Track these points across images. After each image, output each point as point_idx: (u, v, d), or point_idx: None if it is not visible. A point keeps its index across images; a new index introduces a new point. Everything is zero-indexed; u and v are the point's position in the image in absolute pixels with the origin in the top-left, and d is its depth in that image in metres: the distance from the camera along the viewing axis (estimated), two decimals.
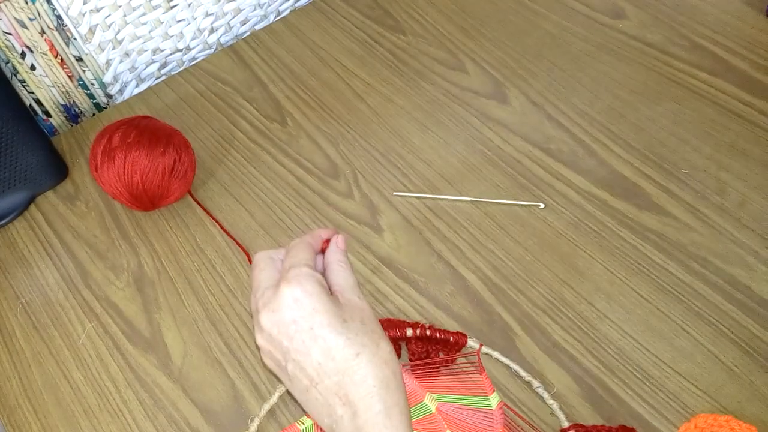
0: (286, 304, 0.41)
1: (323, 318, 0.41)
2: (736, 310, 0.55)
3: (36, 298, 0.61)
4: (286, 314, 0.41)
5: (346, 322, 0.41)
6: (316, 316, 0.41)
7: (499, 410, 0.51)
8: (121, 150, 0.59)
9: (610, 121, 0.68)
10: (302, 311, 0.41)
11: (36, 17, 0.67)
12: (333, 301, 0.42)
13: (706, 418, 0.49)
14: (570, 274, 0.59)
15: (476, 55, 0.75)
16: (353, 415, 0.40)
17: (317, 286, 0.42)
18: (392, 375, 0.41)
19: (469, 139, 0.68)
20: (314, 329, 0.41)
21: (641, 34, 0.74)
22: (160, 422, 0.54)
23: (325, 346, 0.40)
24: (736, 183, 0.62)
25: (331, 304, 0.41)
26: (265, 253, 0.46)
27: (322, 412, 0.41)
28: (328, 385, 0.40)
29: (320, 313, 0.41)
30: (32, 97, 0.73)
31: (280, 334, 0.41)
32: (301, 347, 0.41)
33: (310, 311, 0.41)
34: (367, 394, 0.40)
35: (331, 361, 0.40)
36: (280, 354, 0.42)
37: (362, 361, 0.40)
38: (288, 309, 0.41)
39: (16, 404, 0.56)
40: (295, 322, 0.41)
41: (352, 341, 0.40)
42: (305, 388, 0.41)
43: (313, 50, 0.78)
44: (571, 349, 0.55)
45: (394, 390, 0.41)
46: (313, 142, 0.70)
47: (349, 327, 0.41)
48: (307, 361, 0.41)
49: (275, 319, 0.42)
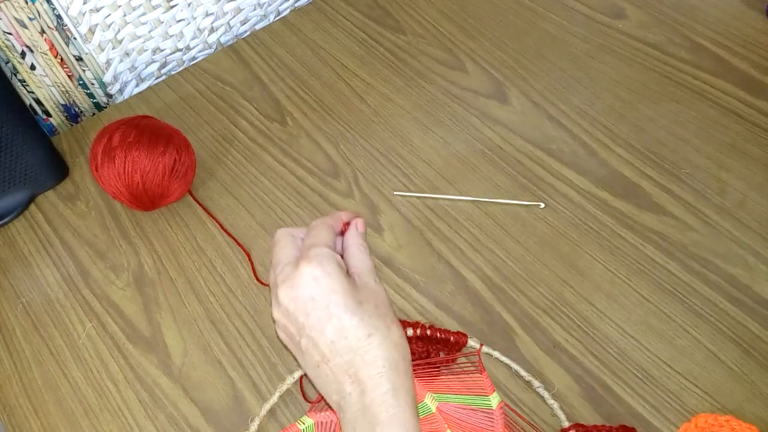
0: (305, 282, 0.42)
1: (339, 298, 0.42)
2: (737, 310, 0.55)
3: (36, 297, 0.61)
4: (304, 291, 0.42)
5: (361, 304, 0.42)
6: (333, 295, 0.42)
7: (500, 410, 0.51)
8: (122, 150, 0.59)
9: (611, 121, 0.68)
10: (320, 290, 0.42)
11: (36, 17, 0.67)
12: (350, 283, 0.43)
13: (706, 417, 0.49)
14: (570, 273, 0.59)
15: (476, 55, 0.75)
16: (361, 393, 0.41)
17: (336, 267, 0.43)
18: (401, 358, 0.42)
19: (469, 138, 0.68)
20: (330, 308, 0.42)
21: (641, 34, 0.75)
22: (160, 422, 0.54)
23: (339, 325, 0.42)
24: (736, 183, 0.62)
25: (348, 285, 0.43)
26: (286, 230, 0.48)
27: (331, 388, 0.42)
28: (339, 362, 0.42)
29: (337, 293, 0.42)
30: (32, 96, 0.73)
31: (297, 310, 0.43)
32: (316, 324, 0.42)
33: (327, 290, 0.42)
34: (376, 374, 0.41)
35: (343, 340, 0.41)
36: (295, 329, 0.43)
37: (374, 342, 0.41)
38: (306, 286, 0.42)
39: (17, 404, 0.56)
40: (313, 300, 0.42)
41: (365, 323, 0.42)
42: (316, 364, 0.43)
43: (313, 50, 0.78)
44: (572, 348, 0.55)
45: (402, 372, 0.42)
46: (313, 142, 0.70)
47: (363, 309, 0.42)
48: (321, 339, 0.42)
49: (293, 295, 0.43)
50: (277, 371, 0.55)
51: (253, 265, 0.61)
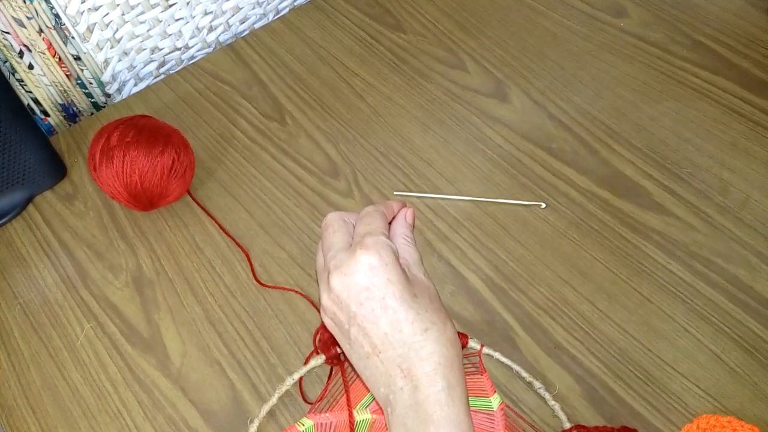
0: (361, 270, 0.41)
1: (396, 289, 0.41)
2: (739, 310, 0.55)
3: (34, 298, 0.61)
4: (359, 280, 0.41)
5: (417, 297, 0.41)
6: (390, 286, 0.41)
7: (501, 411, 0.51)
8: (120, 149, 0.59)
9: (612, 120, 0.67)
10: (376, 279, 0.41)
11: (34, 16, 0.66)
12: (405, 275, 0.42)
13: (708, 419, 0.49)
14: (571, 274, 0.58)
15: (477, 54, 0.75)
16: (414, 389, 0.40)
17: (393, 257, 0.42)
18: (456, 356, 0.41)
19: (469, 138, 0.68)
20: (386, 299, 0.41)
21: (643, 33, 0.74)
22: (158, 423, 0.54)
23: (394, 317, 0.40)
24: (738, 182, 0.62)
25: (404, 277, 0.41)
26: (337, 214, 0.46)
27: (380, 381, 0.41)
28: (392, 355, 0.40)
29: (394, 284, 0.41)
30: (30, 96, 0.72)
31: (350, 298, 0.41)
32: (370, 315, 0.41)
33: (384, 281, 0.41)
34: (431, 371, 0.40)
35: (398, 333, 0.40)
36: (345, 317, 0.42)
37: (430, 337, 0.40)
38: (362, 275, 0.41)
39: (15, 405, 0.55)
40: (368, 290, 0.41)
41: (421, 317, 0.41)
42: (366, 355, 0.42)
43: (312, 49, 0.77)
44: (573, 349, 0.54)
45: (457, 370, 0.41)
46: (312, 142, 0.69)
47: (419, 302, 0.41)
48: (374, 330, 0.41)
49: (348, 283, 0.42)
50: (277, 372, 0.55)
51: (252, 266, 0.61)
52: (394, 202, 0.48)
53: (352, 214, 0.47)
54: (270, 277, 0.61)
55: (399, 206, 0.48)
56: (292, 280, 0.60)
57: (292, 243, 0.62)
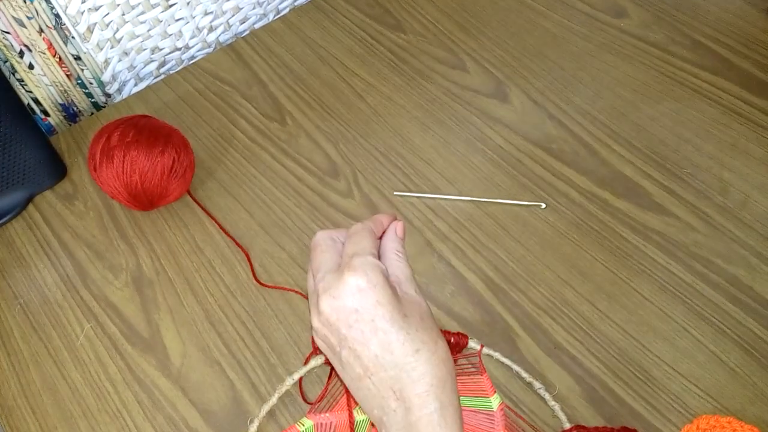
0: (349, 293, 0.41)
1: (385, 311, 0.40)
2: (739, 311, 0.55)
3: (34, 298, 0.61)
4: (347, 302, 0.41)
5: (407, 317, 0.41)
6: (379, 308, 0.40)
7: (501, 412, 0.51)
8: (120, 149, 0.59)
9: (612, 120, 0.68)
10: (365, 302, 0.40)
11: (34, 16, 0.66)
12: (395, 294, 0.41)
13: (708, 419, 0.49)
14: (571, 274, 0.58)
15: (477, 54, 0.75)
16: (407, 411, 0.40)
17: (381, 278, 0.41)
18: (448, 375, 0.41)
19: (469, 138, 0.68)
20: (375, 321, 0.40)
21: (642, 33, 0.74)
22: (158, 423, 0.54)
23: (384, 339, 0.40)
24: (738, 182, 0.62)
25: (393, 298, 0.41)
26: (326, 233, 0.45)
27: (373, 403, 0.41)
28: (383, 377, 0.40)
29: (383, 305, 0.40)
30: (30, 96, 0.72)
31: (339, 321, 0.41)
32: (360, 337, 0.40)
33: (373, 303, 0.40)
34: (423, 392, 0.40)
35: (389, 355, 0.40)
36: (336, 340, 0.42)
37: (421, 358, 0.40)
38: (350, 298, 0.41)
39: (15, 405, 0.55)
40: (357, 312, 0.41)
41: (412, 337, 0.40)
42: (358, 377, 0.41)
43: (312, 49, 0.77)
44: (573, 349, 0.54)
45: (450, 390, 0.41)
46: (312, 142, 0.69)
47: (409, 323, 0.41)
48: (364, 352, 0.40)
49: (336, 306, 0.41)
50: (277, 372, 0.55)
51: (252, 266, 0.61)
52: (384, 215, 0.48)
53: (341, 231, 0.46)
54: (270, 277, 0.61)
55: (389, 220, 0.47)
56: (292, 280, 0.60)
57: (292, 243, 0.62)
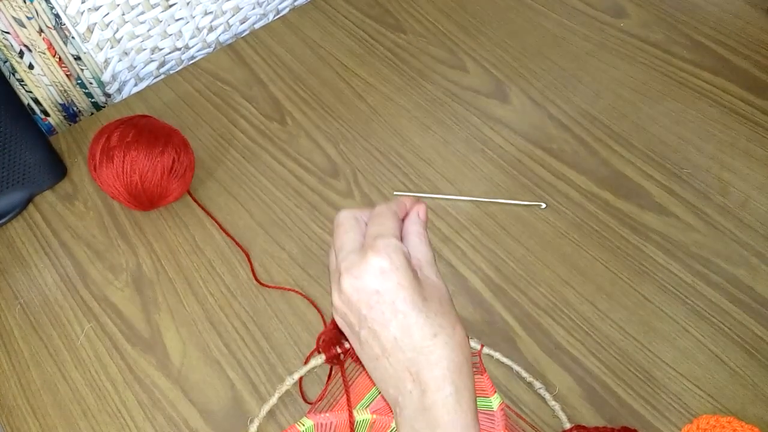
0: (372, 274, 0.41)
1: (407, 294, 0.40)
2: (739, 311, 0.55)
3: (34, 298, 0.61)
4: (369, 283, 0.41)
5: (427, 301, 0.41)
6: (401, 291, 0.40)
7: (501, 411, 0.51)
8: (120, 149, 0.59)
9: (612, 120, 0.67)
10: (387, 284, 0.41)
11: (34, 16, 0.66)
12: (416, 278, 0.42)
13: (708, 419, 0.49)
14: (572, 274, 0.58)
15: (477, 54, 0.75)
16: (422, 393, 0.40)
17: (404, 261, 0.41)
18: (465, 360, 0.41)
19: (469, 138, 0.68)
20: (396, 303, 0.40)
21: (643, 33, 0.74)
22: (158, 423, 0.54)
23: (404, 322, 0.40)
24: (738, 182, 0.62)
25: (414, 281, 0.41)
26: (350, 212, 0.45)
27: (389, 382, 0.41)
28: (401, 359, 0.40)
29: (404, 288, 0.40)
30: (30, 96, 0.72)
31: (360, 301, 0.41)
32: (380, 318, 0.41)
33: (394, 285, 0.40)
34: (440, 375, 0.40)
35: (408, 338, 0.40)
36: (356, 319, 0.42)
37: (439, 342, 0.40)
38: (373, 278, 0.41)
39: (15, 405, 0.55)
40: (378, 293, 0.41)
41: (431, 321, 0.41)
42: (375, 356, 0.42)
43: (312, 49, 0.77)
44: (573, 349, 0.54)
45: (466, 375, 0.41)
46: (312, 142, 0.69)
47: (429, 306, 0.41)
48: (384, 333, 0.41)
49: (358, 286, 0.41)
50: (277, 372, 0.55)
51: (252, 266, 0.61)
52: (407, 198, 0.48)
53: (365, 211, 0.46)
54: (270, 277, 0.61)
55: (411, 202, 0.47)
56: (292, 280, 0.60)
57: (292, 243, 0.62)
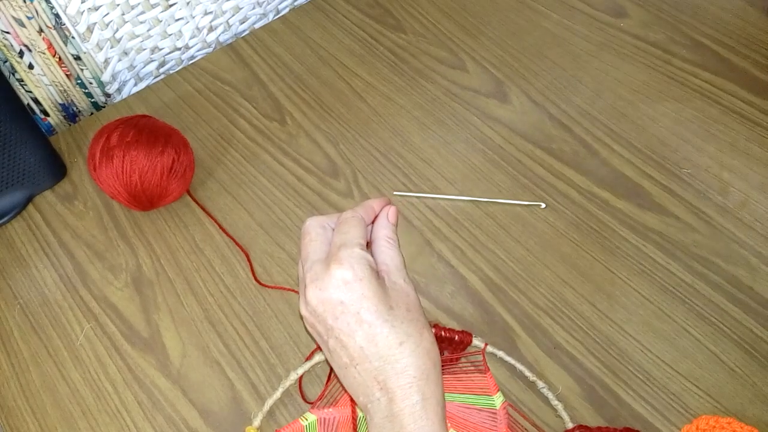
0: (335, 285, 0.41)
1: (371, 304, 0.41)
2: (738, 311, 0.55)
3: (34, 298, 0.61)
4: (333, 294, 0.41)
5: (392, 309, 0.41)
6: (364, 301, 0.41)
7: (503, 410, 0.51)
8: (120, 149, 0.59)
9: (612, 120, 0.67)
10: (351, 294, 0.41)
11: (34, 16, 0.66)
12: (381, 286, 0.42)
13: (708, 419, 0.49)
14: (571, 274, 0.58)
15: (477, 54, 0.75)
16: (390, 401, 0.40)
17: (368, 270, 0.41)
18: (432, 367, 0.41)
19: (469, 138, 0.68)
20: (360, 314, 0.41)
21: (643, 33, 0.74)
22: (158, 423, 0.54)
23: (369, 332, 0.40)
24: (738, 183, 0.62)
25: (379, 290, 0.41)
26: (316, 220, 0.45)
27: (359, 390, 0.42)
28: (368, 368, 0.41)
29: (368, 298, 0.41)
30: (30, 96, 0.72)
31: (326, 312, 0.41)
32: (345, 328, 0.41)
33: (358, 296, 0.41)
34: (406, 384, 0.40)
35: (373, 347, 0.40)
36: (323, 329, 0.42)
37: (405, 350, 0.40)
38: (336, 290, 0.41)
39: (14, 405, 0.55)
40: (342, 304, 0.41)
41: (396, 330, 0.41)
42: (344, 365, 0.42)
43: (312, 49, 0.77)
44: (572, 349, 0.54)
45: (433, 382, 0.41)
46: (312, 142, 0.69)
47: (395, 315, 0.41)
48: (350, 342, 0.41)
49: (322, 297, 0.41)
50: (276, 372, 0.55)
51: (252, 266, 0.61)
52: (376, 200, 0.47)
53: (332, 218, 0.46)
54: (270, 277, 0.60)
55: (381, 204, 0.47)
56: (292, 280, 0.60)
57: (292, 243, 0.62)
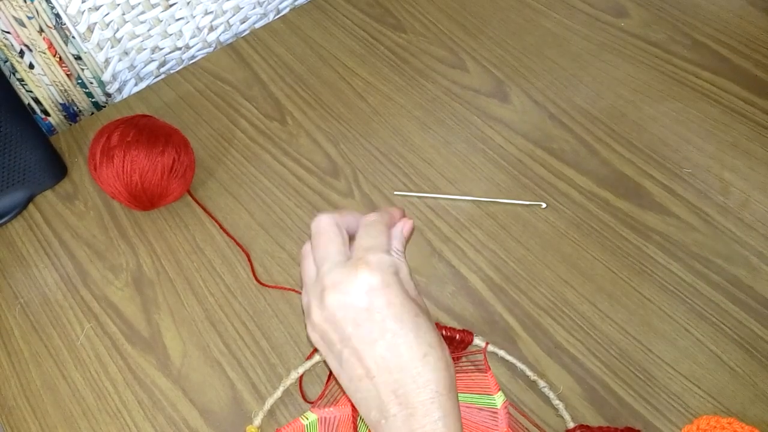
0: (361, 290, 0.39)
1: (397, 311, 0.39)
2: (739, 311, 0.55)
3: (35, 298, 0.61)
4: (358, 300, 0.39)
5: (418, 317, 0.39)
6: (391, 308, 0.39)
7: (504, 409, 0.50)
8: (120, 149, 0.59)
9: (612, 120, 0.67)
10: (377, 301, 0.39)
11: (34, 15, 0.66)
12: (407, 295, 0.40)
13: (708, 420, 0.49)
14: (572, 274, 0.58)
15: (477, 54, 0.75)
16: (408, 417, 0.38)
17: (395, 277, 0.39)
18: (451, 381, 0.40)
19: (470, 138, 0.68)
20: (386, 322, 0.38)
21: (643, 33, 0.74)
22: (159, 423, 0.54)
23: (393, 341, 0.38)
24: (739, 182, 0.62)
25: (407, 297, 0.39)
26: (330, 219, 0.42)
27: (372, 404, 0.39)
28: (387, 380, 0.38)
29: (395, 306, 0.39)
30: (31, 95, 0.72)
31: (346, 319, 0.39)
32: (367, 336, 0.39)
33: (385, 303, 0.39)
34: (428, 399, 0.38)
35: (396, 358, 0.38)
36: (338, 337, 0.40)
37: (429, 363, 0.38)
38: (362, 296, 0.39)
39: (15, 405, 0.55)
40: (368, 311, 0.39)
41: (420, 340, 0.39)
42: (358, 377, 0.39)
43: (313, 49, 0.77)
44: (573, 349, 0.54)
45: (453, 397, 0.39)
46: (313, 141, 0.69)
47: (419, 323, 0.39)
48: (369, 352, 0.39)
49: (345, 302, 0.39)
50: (277, 372, 0.55)
51: (253, 266, 0.61)
52: (396, 210, 0.45)
53: (345, 215, 0.43)
54: (270, 277, 0.60)
55: (399, 214, 0.45)
56: (292, 280, 0.60)
57: (292, 243, 0.62)
